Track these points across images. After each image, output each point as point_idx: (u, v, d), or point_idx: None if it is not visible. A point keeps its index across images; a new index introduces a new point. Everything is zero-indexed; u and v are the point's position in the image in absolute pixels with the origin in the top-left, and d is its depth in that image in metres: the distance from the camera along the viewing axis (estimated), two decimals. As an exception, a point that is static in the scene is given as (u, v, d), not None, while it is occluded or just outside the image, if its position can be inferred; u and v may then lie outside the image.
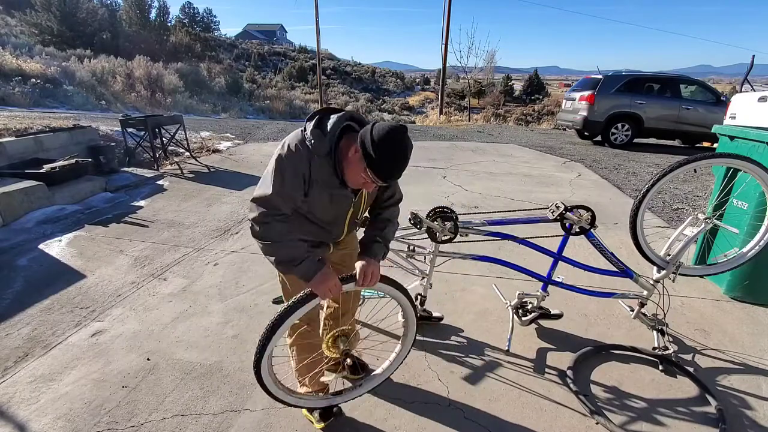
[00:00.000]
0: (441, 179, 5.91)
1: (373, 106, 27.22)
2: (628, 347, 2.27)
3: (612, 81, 8.96)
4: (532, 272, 2.31)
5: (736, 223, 2.52)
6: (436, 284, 2.78)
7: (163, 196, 4.91)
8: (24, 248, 3.40)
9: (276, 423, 1.78)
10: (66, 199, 4.38)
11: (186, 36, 28.28)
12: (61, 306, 2.62)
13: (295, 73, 31.99)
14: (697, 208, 4.65)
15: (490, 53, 22.12)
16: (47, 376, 2.03)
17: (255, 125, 11.29)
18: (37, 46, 17.30)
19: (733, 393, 2.00)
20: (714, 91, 9.16)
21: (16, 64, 12.34)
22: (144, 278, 3.00)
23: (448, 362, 2.18)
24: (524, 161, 7.34)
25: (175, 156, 6.71)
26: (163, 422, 1.77)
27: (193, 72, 19.70)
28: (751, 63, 3.47)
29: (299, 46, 44.02)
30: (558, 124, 12.16)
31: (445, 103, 19.92)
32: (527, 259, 2.81)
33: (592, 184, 5.88)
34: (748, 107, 2.85)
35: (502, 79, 34.96)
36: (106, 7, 24.39)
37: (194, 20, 42.41)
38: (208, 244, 3.59)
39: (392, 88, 37.07)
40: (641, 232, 2.15)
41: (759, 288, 2.71)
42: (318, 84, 23.17)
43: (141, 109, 13.42)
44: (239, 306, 2.65)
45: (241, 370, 2.08)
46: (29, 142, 4.98)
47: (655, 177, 2.04)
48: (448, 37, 16.38)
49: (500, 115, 22.91)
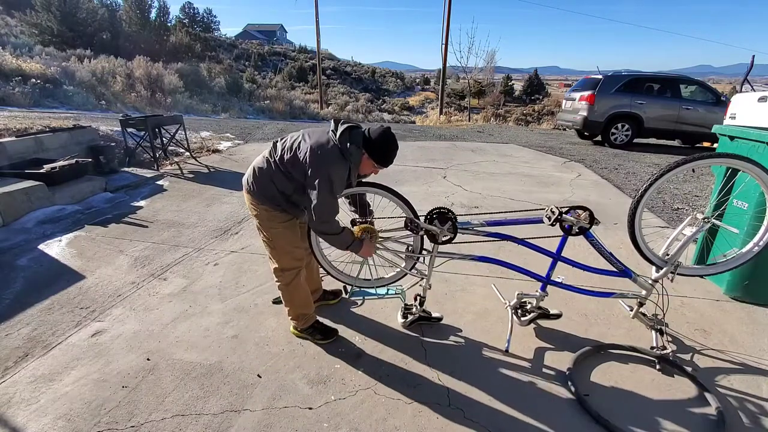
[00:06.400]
0: (441, 179, 5.91)
1: (373, 106, 27.22)
2: (627, 347, 2.27)
3: (612, 81, 8.95)
4: (532, 272, 2.31)
5: (735, 223, 2.52)
6: (435, 284, 2.79)
7: (163, 196, 4.91)
8: (24, 248, 3.40)
9: (276, 423, 1.78)
10: (66, 199, 4.39)
11: (186, 36, 28.26)
12: (61, 306, 2.63)
13: (295, 73, 32.01)
14: (696, 208, 4.65)
15: (490, 53, 22.12)
16: (47, 376, 2.03)
17: (255, 125, 11.30)
18: (37, 46, 17.31)
19: (733, 393, 2.00)
20: (714, 91, 9.15)
21: (16, 64, 12.34)
22: (144, 278, 3.00)
23: (447, 362, 2.18)
24: (524, 161, 7.35)
25: (175, 156, 6.71)
26: (163, 422, 1.77)
27: (193, 72, 19.69)
28: (751, 63, 3.47)
29: (299, 46, 44.06)
30: (558, 124, 12.17)
31: (445, 103, 19.93)
32: (527, 259, 2.81)
33: (592, 184, 5.88)
34: (748, 107, 2.85)
35: (502, 79, 35.00)
36: (106, 7, 24.36)
37: (194, 20, 42.40)
38: (208, 244, 3.59)
39: (392, 88, 37.09)
40: (639, 231, 2.15)
41: (759, 288, 2.71)
42: (318, 84, 23.18)
43: (141, 109, 13.43)
44: (239, 306, 2.66)
45: (241, 370, 2.08)
46: (29, 142, 4.98)
47: (654, 176, 2.04)
48: (448, 37, 16.40)
49: (500, 115, 22.92)
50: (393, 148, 1.94)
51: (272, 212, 2.06)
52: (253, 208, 2.10)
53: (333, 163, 1.85)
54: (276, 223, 2.09)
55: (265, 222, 2.09)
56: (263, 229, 2.12)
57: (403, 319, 2.46)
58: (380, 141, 1.90)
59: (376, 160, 1.93)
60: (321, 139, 1.91)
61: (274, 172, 2.00)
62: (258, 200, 2.05)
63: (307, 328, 2.31)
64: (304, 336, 2.33)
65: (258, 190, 2.04)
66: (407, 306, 2.48)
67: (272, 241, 2.13)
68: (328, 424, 1.78)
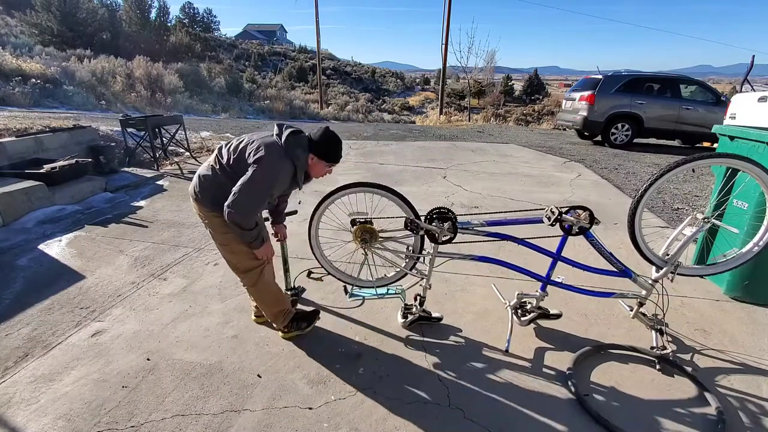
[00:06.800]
0: (441, 179, 5.91)
1: (373, 106, 27.23)
2: (627, 347, 2.27)
3: (612, 81, 8.96)
4: (532, 272, 2.31)
5: (735, 223, 2.52)
6: (435, 284, 2.79)
7: (163, 196, 4.91)
8: (24, 248, 3.40)
9: (276, 423, 1.78)
10: (66, 199, 4.39)
11: (186, 36, 28.27)
12: (61, 306, 2.63)
13: (295, 73, 32.02)
14: (696, 208, 4.65)
15: (490, 53, 22.14)
16: (47, 376, 2.03)
17: (255, 125, 11.31)
18: (37, 46, 17.32)
19: (733, 393, 2.00)
20: (714, 91, 9.15)
21: (16, 64, 12.36)
22: (144, 278, 3.00)
23: (447, 362, 2.18)
24: (524, 161, 7.35)
25: (175, 156, 6.71)
26: (163, 422, 1.77)
27: (193, 72, 19.70)
28: (751, 63, 3.47)
29: (299, 46, 44.06)
30: (558, 124, 12.17)
31: (445, 103, 19.93)
32: (527, 259, 2.82)
33: (592, 184, 5.89)
34: (748, 107, 2.85)
35: (502, 79, 35.00)
36: (106, 7, 24.37)
37: (194, 20, 42.40)
38: (208, 244, 3.59)
39: (392, 88, 37.10)
40: (639, 231, 2.15)
41: (759, 288, 2.71)
42: (318, 84, 23.19)
43: (141, 109, 13.43)
44: (239, 306, 2.66)
45: (241, 370, 2.08)
46: (29, 142, 4.98)
47: (654, 176, 2.04)
48: (448, 37, 16.41)
49: (500, 115, 22.92)
50: (336, 143, 2.03)
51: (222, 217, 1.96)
52: (203, 217, 2.08)
53: (279, 163, 1.89)
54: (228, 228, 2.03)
55: (218, 228, 2.06)
56: (217, 235, 2.10)
57: (403, 319, 2.46)
58: (323, 140, 1.99)
59: (325, 158, 2.01)
60: (267, 140, 1.95)
61: (221, 177, 1.98)
62: (207, 208, 2.03)
63: (289, 323, 2.31)
64: (293, 334, 2.32)
65: (206, 197, 2.02)
66: (407, 306, 2.48)
67: (228, 245, 2.11)
68: (328, 424, 1.78)
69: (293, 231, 2.21)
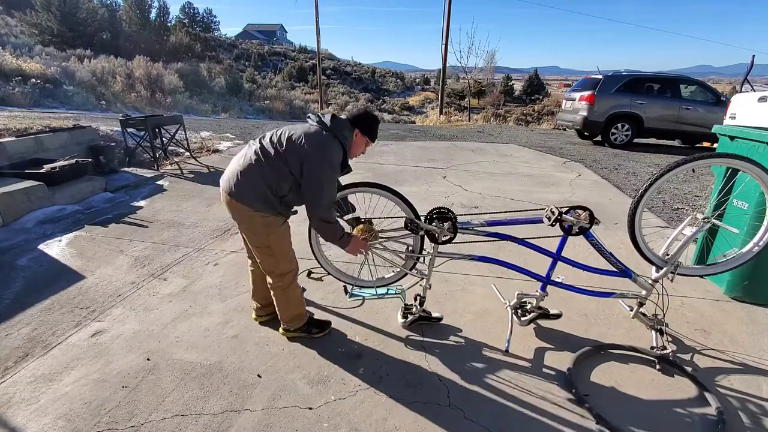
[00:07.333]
0: (441, 179, 5.91)
1: (373, 106, 27.23)
2: (627, 347, 2.27)
3: (612, 81, 8.95)
4: (532, 272, 2.32)
5: (735, 223, 2.52)
6: (435, 284, 2.78)
7: (163, 197, 4.91)
8: (24, 248, 3.40)
9: (276, 423, 1.78)
10: (66, 199, 4.39)
11: (186, 36, 28.27)
12: (61, 306, 2.63)
13: (295, 73, 32.02)
14: (696, 208, 4.65)
15: (490, 53, 22.06)
16: (47, 376, 2.03)
17: (255, 125, 11.31)
18: (37, 46, 17.31)
19: (733, 393, 2.00)
20: (714, 91, 9.15)
21: (16, 64, 12.35)
22: (144, 278, 3.00)
23: (447, 362, 2.18)
24: (524, 161, 7.35)
25: (175, 156, 6.71)
26: (163, 422, 1.77)
27: (193, 72, 19.71)
28: (751, 63, 3.47)
29: (299, 46, 44.06)
30: (558, 124, 12.16)
31: (445, 103, 19.92)
32: (527, 259, 2.81)
33: (592, 184, 5.89)
34: (748, 107, 2.85)
35: (502, 79, 35.00)
36: (106, 7, 24.37)
37: (194, 20, 42.41)
38: (208, 244, 3.59)
39: (392, 88, 37.10)
40: (639, 231, 2.15)
41: (759, 288, 2.71)
42: (318, 84, 23.17)
43: (141, 109, 13.43)
44: (239, 306, 2.66)
45: (241, 370, 2.08)
46: (29, 142, 4.98)
47: (654, 176, 2.04)
48: (448, 37, 16.39)
49: (500, 115, 22.92)
50: (377, 121, 2.18)
51: (268, 218, 2.00)
52: (243, 219, 2.03)
53: (331, 149, 1.95)
54: (274, 228, 2.04)
55: (261, 229, 2.02)
56: (259, 236, 2.05)
57: (403, 319, 2.46)
58: (366, 117, 2.11)
59: (369, 135, 2.12)
60: (310, 130, 1.98)
61: (268, 173, 1.93)
62: (252, 208, 1.96)
63: (302, 326, 2.31)
64: (297, 335, 2.32)
65: (250, 196, 1.95)
66: (407, 306, 2.48)
67: (270, 247, 2.08)
68: (328, 424, 1.78)
69: (293, 231, 2.21)
